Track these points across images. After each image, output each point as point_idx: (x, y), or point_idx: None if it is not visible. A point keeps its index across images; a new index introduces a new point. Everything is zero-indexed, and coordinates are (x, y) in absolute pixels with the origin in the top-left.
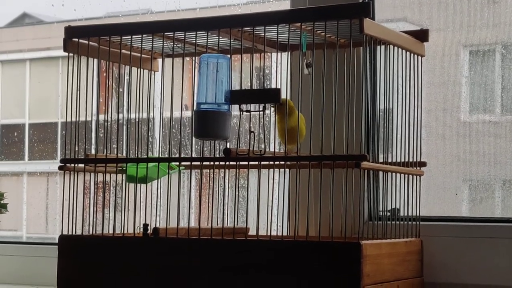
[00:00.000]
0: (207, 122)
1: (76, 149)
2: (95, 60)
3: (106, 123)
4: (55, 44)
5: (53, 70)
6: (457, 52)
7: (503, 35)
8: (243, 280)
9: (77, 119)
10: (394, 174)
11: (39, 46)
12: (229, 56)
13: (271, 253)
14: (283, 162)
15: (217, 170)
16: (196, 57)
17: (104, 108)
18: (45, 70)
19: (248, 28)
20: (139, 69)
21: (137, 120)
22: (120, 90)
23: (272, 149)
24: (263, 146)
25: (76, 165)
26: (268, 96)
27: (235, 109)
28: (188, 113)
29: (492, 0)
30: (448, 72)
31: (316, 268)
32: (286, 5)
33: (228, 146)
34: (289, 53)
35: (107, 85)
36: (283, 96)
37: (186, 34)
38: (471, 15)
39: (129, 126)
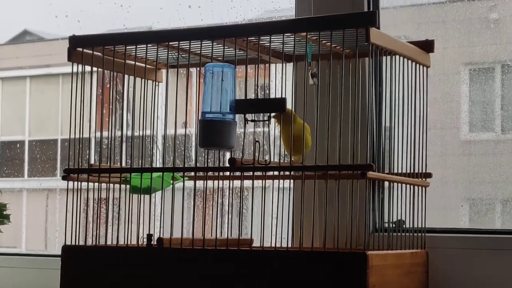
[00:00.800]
0: (212, 132)
1: (80, 159)
2: (99, 70)
3: (110, 134)
4: (55, 61)
5: (53, 87)
6: (457, 70)
7: (503, 53)
8: None
9: (81, 129)
10: (399, 184)
11: (39, 63)
12: (234, 65)
13: (276, 263)
14: (288, 173)
15: (222, 181)
16: (201, 68)
17: (107, 119)
18: (45, 87)
19: (253, 38)
20: (143, 80)
21: (140, 131)
22: (124, 101)
23: (276, 160)
24: (267, 157)
25: (79, 175)
26: (273, 105)
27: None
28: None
29: (492, 19)
30: (448, 90)
31: (321, 278)
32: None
33: (233, 156)
34: (295, 63)
35: (111, 96)
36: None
37: (191, 44)
38: (471, 33)
39: (132, 136)
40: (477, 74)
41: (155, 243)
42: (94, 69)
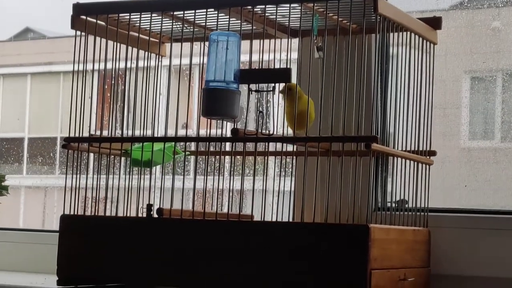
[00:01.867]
0: (216, 100)
1: (80, 131)
2: (103, 41)
3: (111, 105)
4: (57, 59)
5: (54, 85)
6: (458, 78)
7: (504, 62)
8: (248, 262)
9: (83, 100)
10: (403, 160)
11: (40, 60)
12: (239, 34)
13: (278, 236)
14: (290, 150)
15: (225, 150)
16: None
17: (109, 94)
18: (46, 85)
19: (259, 10)
20: (146, 53)
21: (143, 102)
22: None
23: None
24: (271, 129)
25: (80, 144)
26: (278, 75)
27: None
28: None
29: (494, 27)
30: (448, 97)
31: (323, 250)
32: None
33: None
34: (300, 38)
35: (113, 69)
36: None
37: (196, 14)
38: (473, 41)
39: (134, 107)
40: (479, 82)
41: (155, 213)
42: (97, 39)
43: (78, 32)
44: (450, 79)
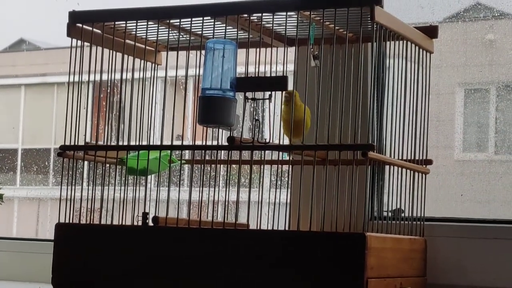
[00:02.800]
0: (212, 108)
1: (76, 140)
2: (99, 48)
3: (107, 114)
4: (51, 70)
5: (48, 96)
6: (453, 90)
7: (498, 74)
8: (244, 270)
9: (78, 108)
10: (399, 170)
11: (35, 71)
12: (235, 42)
13: (274, 244)
14: (286, 158)
15: (220, 158)
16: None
17: (104, 103)
18: (40, 96)
19: (256, 18)
20: (142, 61)
21: (138, 110)
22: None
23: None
24: (267, 138)
25: (75, 152)
26: (274, 83)
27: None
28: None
29: (488, 40)
30: (443, 110)
31: (319, 259)
32: None
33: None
34: (297, 47)
35: (108, 78)
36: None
37: (192, 22)
38: (467, 53)
39: (130, 115)
40: (473, 94)
41: (151, 222)
42: (93, 46)
43: (74, 40)
44: (445, 90)
